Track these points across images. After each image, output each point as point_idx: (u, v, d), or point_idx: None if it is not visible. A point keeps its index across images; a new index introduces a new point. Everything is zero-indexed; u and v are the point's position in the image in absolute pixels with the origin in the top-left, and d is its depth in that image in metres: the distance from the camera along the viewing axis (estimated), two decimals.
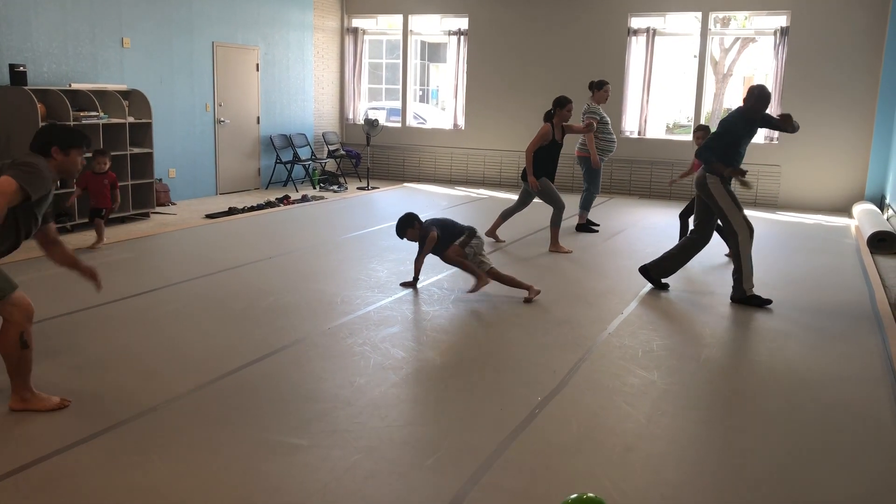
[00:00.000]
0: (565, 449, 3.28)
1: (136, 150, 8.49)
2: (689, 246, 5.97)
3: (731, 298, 5.73)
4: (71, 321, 4.85)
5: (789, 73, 10.64)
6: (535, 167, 7.25)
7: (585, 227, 8.57)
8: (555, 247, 7.41)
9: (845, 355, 4.66)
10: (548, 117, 7.37)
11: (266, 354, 4.32)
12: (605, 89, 8.35)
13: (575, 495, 2.56)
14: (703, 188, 5.71)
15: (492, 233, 7.76)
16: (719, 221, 5.81)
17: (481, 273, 5.59)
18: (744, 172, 5.59)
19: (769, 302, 5.62)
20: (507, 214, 7.83)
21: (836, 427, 3.62)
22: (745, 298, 5.65)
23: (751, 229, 5.63)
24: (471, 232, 5.70)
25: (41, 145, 3.50)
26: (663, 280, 6.08)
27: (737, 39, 17.19)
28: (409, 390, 3.90)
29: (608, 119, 8.44)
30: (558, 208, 7.40)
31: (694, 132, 7.31)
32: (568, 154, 8.54)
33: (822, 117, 10.55)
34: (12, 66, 7.50)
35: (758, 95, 5.59)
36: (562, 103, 7.29)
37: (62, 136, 3.55)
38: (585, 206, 8.56)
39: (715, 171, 5.61)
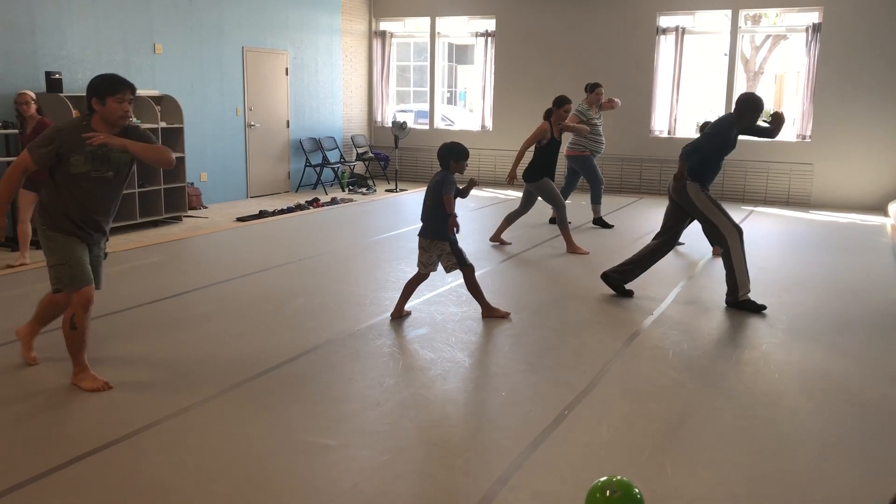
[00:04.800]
0: (595, 450, 3.27)
1: None
2: (656, 251, 5.72)
3: (727, 303, 5.53)
4: (104, 323, 4.93)
5: (822, 70, 10.49)
6: (535, 167, 7.24)
7: (601, 221, 8.77)
8: (572, 248, 7.31)
9: (880, 357, 4.58)
10: (547, 116, 7.39)
11: (296, 355, 4.36)
12: (596, 92, 8.63)
13: (605, 478, 2.66)
14: (681, 194, 5.50)
15: (496, 237, 7.69)
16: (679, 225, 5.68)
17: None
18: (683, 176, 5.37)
19: (763, 308, 5.40)
20: (511, 218, 7.66)
21: (864, 425, 3.57)
22: (739, 303, 5.45)
23: (740, 232, 5.41)
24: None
25: (87, 101, 3.71)
26: (626, 286, 5.80)
27: (768, 37, 16.97)
28: (437, 391, 3.91)
29: (598, 121, 8.63)
30: (560, 207, 7.37)
31: None
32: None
33: (856, 114, 10.38)
34: (48, 74, 7.65)
35: (753, 103, 5.42)
36: (560, 103, 7.31)
37: (96, 87, 3.68)
38: (596, 200, 8.79)
39: (680, 174, 5.41)
